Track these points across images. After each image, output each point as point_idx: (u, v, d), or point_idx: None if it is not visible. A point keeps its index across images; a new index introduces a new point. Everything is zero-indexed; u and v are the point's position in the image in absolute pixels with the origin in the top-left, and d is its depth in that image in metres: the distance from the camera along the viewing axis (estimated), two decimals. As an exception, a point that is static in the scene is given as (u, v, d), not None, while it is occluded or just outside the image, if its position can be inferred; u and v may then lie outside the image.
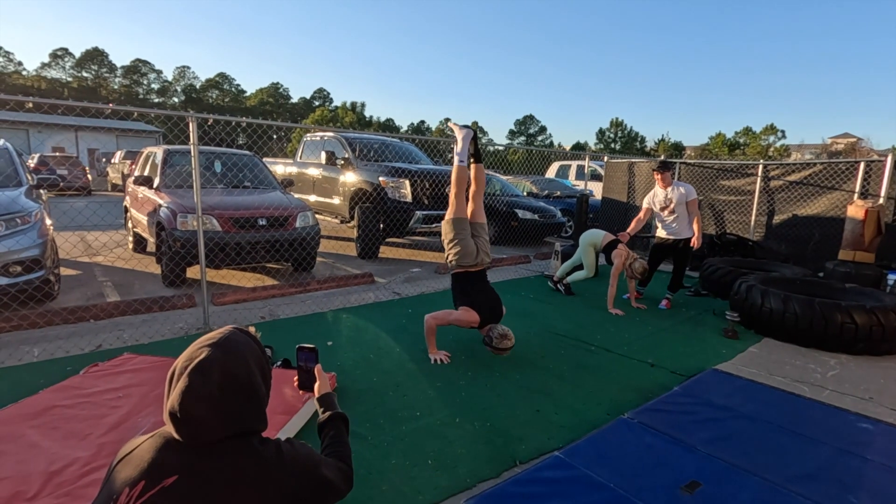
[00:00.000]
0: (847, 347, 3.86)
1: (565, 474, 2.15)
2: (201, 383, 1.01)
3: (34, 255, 4.08)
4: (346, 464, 1.33)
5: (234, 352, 1.08)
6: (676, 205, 5.01)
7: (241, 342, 1.12)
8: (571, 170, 14.86)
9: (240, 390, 1.06)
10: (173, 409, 1.01)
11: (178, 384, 1.02)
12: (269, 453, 1.09)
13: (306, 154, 9.06)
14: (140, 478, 0.99)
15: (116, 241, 7.30)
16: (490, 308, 3.52)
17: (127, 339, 3.69)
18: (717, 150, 44.96)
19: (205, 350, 1.06)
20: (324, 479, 1.18)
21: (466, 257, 3.52)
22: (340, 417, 1.48)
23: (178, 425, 1.02)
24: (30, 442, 2.13)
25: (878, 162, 6.22)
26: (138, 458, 1.03)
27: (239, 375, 1.06)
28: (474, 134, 3.75)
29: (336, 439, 1.41)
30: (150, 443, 1.06)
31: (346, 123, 54.67)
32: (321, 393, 1.54)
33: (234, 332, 1.14)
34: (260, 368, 1.13)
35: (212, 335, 1.11)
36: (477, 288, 3.57)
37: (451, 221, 3.58)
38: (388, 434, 2.51)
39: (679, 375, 3.38)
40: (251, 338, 1.16)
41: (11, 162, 4.95)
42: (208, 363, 1.03)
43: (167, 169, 5.94)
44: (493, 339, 3.38)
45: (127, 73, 61.84)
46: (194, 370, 1.03)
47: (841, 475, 2.22)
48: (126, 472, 1.02)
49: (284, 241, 5.42)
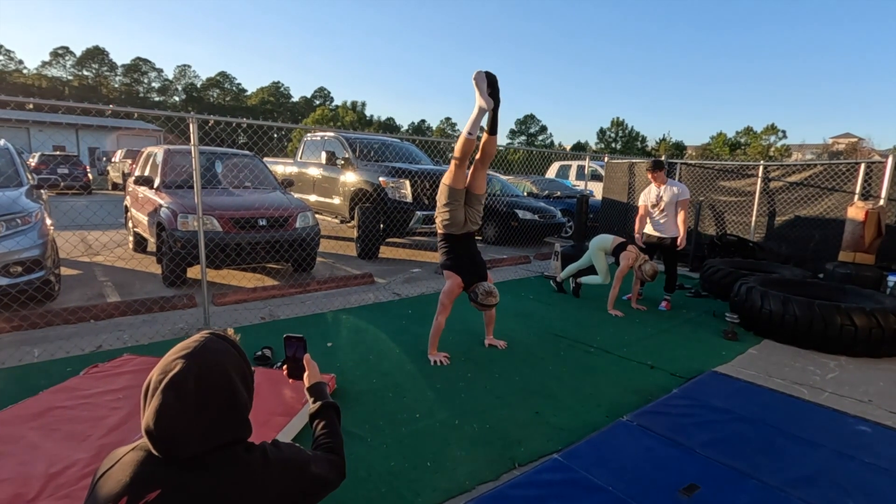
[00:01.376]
0: (846, 349, 3.86)
1: (564, 477, 2.16)
2: (176, 399, 0.97)
3: (35, 255, 4.08)
4: (337, 454, 1.32)
5: (211, 361, 1.04)
6: (667, 204, 5.02)
7: (217, 350, 1.07)
8: (572, 170, 14.85)
9: (219, 400, 1.02)
10: (149, 428, 0.98)
11: (153, 401, 0.99)
12: (254, 461, 1.07)
13: (307, 154, 9.07)
14: (122, 493, 0.97)
15: (117, 241, 7.30)
16: (471, 270, 3.53)
17: (127, 339, 3.70)
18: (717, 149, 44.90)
19: (179, 363, 1.01)
20: (314, 477, 1.17)
21: (453, 226, 3.51)
22: (332, 406, 1.45)
23: (154, 443, 0.99)
24: (30, 443, 2.14)
25: (878, 163, 6.22)
26: (120, 473, 1.01)
27: (216, 385, 1.02)
28: (495, 105, 3.26)
29: (327, 429, 1.40)
30: (132, 456, 1.03)
31: (347, 123, 54.67)
32: (311, 382, 1.51)
33: (209, 338, 1.09)
34: (240, 374, 1.08)
35: (186, 343, 1.06)
36: (461, 249, 3.56)
37: (448, 188, 3.48)
38: (387, 436, 2.52)
39: (678, 377, 3.38)
40: (229, 343, 1.11)
41: (12, 162, 4.96)
42: (182, 377, 0.99)
43: (168, 169, 5.94)
44: (479, 296, 3.41)
45: (127, 71, 61.83)
46: (168, 386, 0.98)
47: (840, 478, 2.22)
48: (108, 486, 1.00)
49: (285, 242, 5.42)
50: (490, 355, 3.67)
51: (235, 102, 64.14)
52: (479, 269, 3.57)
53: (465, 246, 3.57)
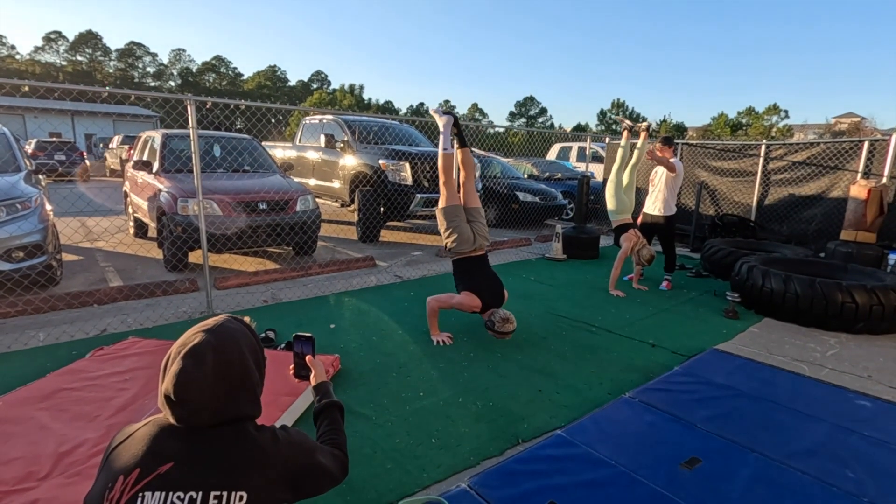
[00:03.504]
0: (847, 327, 3.88)
1: (567, 452, 2.19)
2: (194, 366, 1.02)
3: (36, 240, 4.08)
4: (341, 451, 1.35)
5: (228, 338, 1.10)
6: (659, 180, 5.02)
7: (235, 329, 1.13)
8: (572, 152, 14.76)
9: (233, 375, 1.07)
10: (167, 392, 1.02)
11: (172, 367, 1.04)
12: (264, 439, 1.10)
13: (305, 137, 8.99)
14: (135, 465, 1.00)
15: (117, 227, 7.29)
16: (492, 292, 3.52)
17: (131, 323, 3.71)
18: (719, 130, 44.55)
19: (199, 335, 1.07)
20: (319, 465, 1.20)
21: (464, 244, 3.52)
22: (336, 406, 1.49)
23: (172, 407, 1.03)
24: (39, 424, 2.16)
25: (881, 141, 6.17)
26: (133, 446, 1.04)
27: (232, 361, 1.07)
28: (455, 119, 3.75)
29: (331, 427, 1.43)
30: (145, 430, 1.06)
31: (345, 106, 54.14)
32: (317, 382, 1.56)
33: (228, 319, 1.16)
34: (254, 356, 1.14)
35: (206, 322, 1.13)
36: (478, 272, 3.57)
37: (444, 210, 3.59)
38: (392, 414, 2.54)
39: (680, 355, 3.41)
40: (245, 326, 1.18)
41: (9, 147, 4.92)
42: (202, 347, 1.05)
43: (166, 153, 5.90)
44: (496, 324, 3.39)
45: (122, 56, 61.01)
46: (188, 354, 1.04)
47: (840, 451, 2.25)
48: (121, 459, 1.03)
49: (285, 225, 5.41)
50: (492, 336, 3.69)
51: (232, 87, 63.45)
52: (497, 294, 3.54)
53: (480, 269, 3.57)
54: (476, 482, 1.98)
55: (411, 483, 2.02)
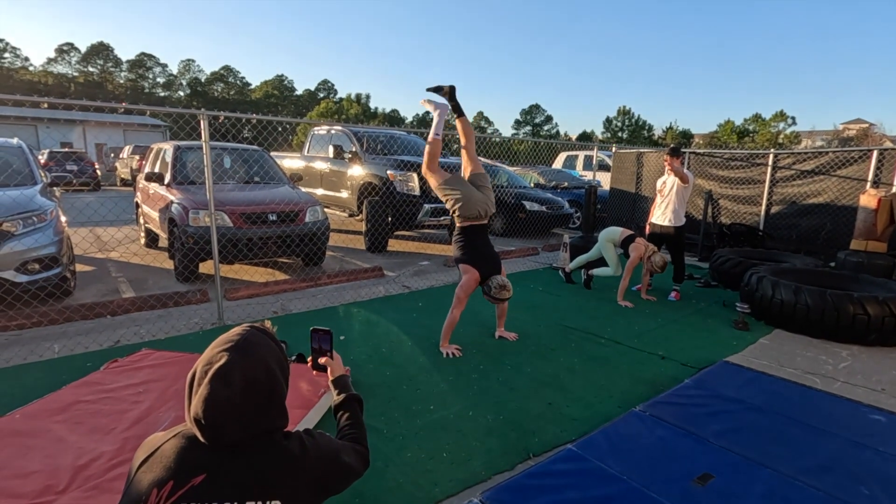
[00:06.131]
0: (859, 339, 3.85)
1: (579, 467, 2.19)
2: (223, 389, 1.03)
3: (51, 252, 4.15)
4: (362, 444, 1.39)
5: (254, 354, 1.09)
6: (669, 190, 5.03)
7: (259, 343, 1.13)
8: (579, 160, 14.77)
9: (261, 393, 1.08)
10: (197, 416, 1.03)
11: (200, 390, 1.04)
12: (293, 448, 1.13)
13: (314, 148, 9.08)
14: (168, 478, 1.01)
15: (130, 237, 7.38)
16: (487, 262, 3.55)
17: (144, 334, 3.76)
18: (725, 137, 44.43)
19: (224, 355, 1.07)
20: (344, 465, 1.24)
21: (469, 206, 3.49)
22: (355, 399, 1.52)
23: (203, 431, 1.04)
24: (56, 437, 2.19)
25: (891, 150, 6.15)
26: (164, 459, 1.05)
27: (259, 378, 1.07)
28: (452, 93, 3.58)
29: (351, 420, 1.47)
30: (174, 442, 1.07)
31: (352, 115, 54.59)
32: (335, 375, 1.58)
33: (250, 331, 1.15)
34: (279, 365, 1.14)
35: (229, 336, 1.12)
36: (477, 242, 3.58)
37: (441, 184, 3.53)
38: (402, 427, 2.55)
39: (690, 367, 3.39)
40: (268, 335, 1.18)
41: (27, 161, 5.01)
42: (229, 368, 1.05)
43: (178, 165, 5.99)
44: (492, 289, 3.43)
45: (132, 67, 61.95)
46: (215, 376, 1.04)
47: (853, 467, 2.23)
48: (152, 473, 1.03)
49: (295, 236, 5.46)
50: (501, 347, 3.70)
51: (240, 96, 64.17)
52: (494, 262, 3.59)
53: (480, 239, 3.60)
54: (488, 497, 1.99)
55: (424, 497, 2.03)
